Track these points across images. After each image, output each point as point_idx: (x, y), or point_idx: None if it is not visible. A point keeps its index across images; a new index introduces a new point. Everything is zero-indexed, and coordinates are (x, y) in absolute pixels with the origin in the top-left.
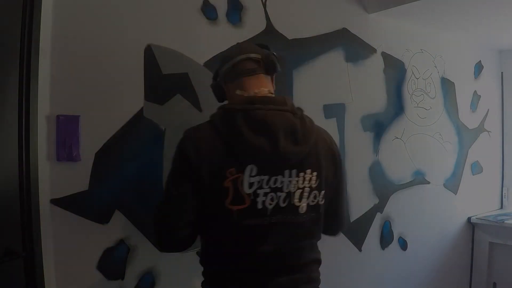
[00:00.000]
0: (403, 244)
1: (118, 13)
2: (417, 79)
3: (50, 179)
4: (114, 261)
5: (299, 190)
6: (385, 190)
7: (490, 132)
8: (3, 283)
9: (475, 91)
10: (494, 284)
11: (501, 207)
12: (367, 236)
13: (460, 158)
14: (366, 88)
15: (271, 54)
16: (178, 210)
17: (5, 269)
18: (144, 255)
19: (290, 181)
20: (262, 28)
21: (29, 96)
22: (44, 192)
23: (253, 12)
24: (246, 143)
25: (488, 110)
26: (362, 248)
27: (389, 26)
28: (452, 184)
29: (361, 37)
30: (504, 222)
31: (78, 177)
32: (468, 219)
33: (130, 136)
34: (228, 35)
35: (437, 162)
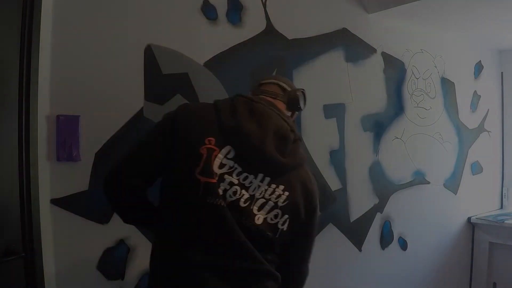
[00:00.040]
0: (403, 244)
1: (118, 13)
2: (417, 79)
3: (50, 179)
4: (114, 261)
5: (263, 200)
6: (385, 190)
7: (490, 132)
8: (3, 283)
9: (475, 91)
10: (494, 284)
11: (501, 207)
12: (367, 236)
13: (460, 158)
14: (366, 88)
15: (299, 90)
16: (138, 156)
17: (5, 269)
18: (144, 255)
19: (259, 186)
20: (262, 28)
21: (29, 96)
22: (44, 192)
23: (253, 12)
24: (234, 123)
25: (488, 110)
26: (362, 248)
27: (389, 26)
28: (452, 184)
29: (361, 37)
30: (504, 222)
31: (78, 177)
32: (468, 219)
33: (130, 136)
34: (228, 35)
35: (437, 162)
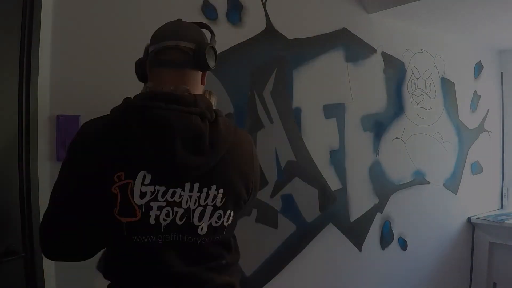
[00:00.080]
0: (403, 244)
1: (118, 13)
2: (417, 79)
3: (50, 179)
4: None
5: (200, 208)
6: (385, 190)
7: (490, 132)
8: (3, 283)
9: (475, 91)
10: (494, 284)
11: (501, 207)
12: (367, 236)
13: (460, 158)
14: (366, 88)
15: (207, 46)
16: (62, 209)
17: (5, 269)
18: None
19: (190, 197)
20: (262, 28)
21: (29, 96)
22: (44, 192)
23: (253, 12)
24: (137, 146)
25: (488, 110)
26: (362, 248)
27: (389, 26)
28: (452, 184)
29: (361, 37)
30: (504, 222)
31: None
32: (468, 219)
33: None
34: (228, 35)
35: (437, 162)
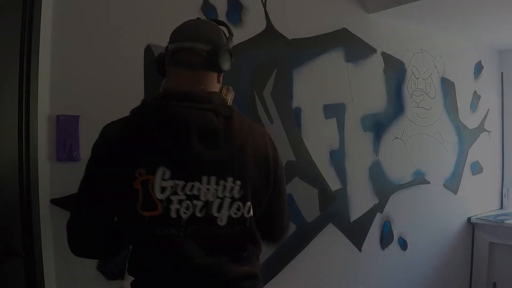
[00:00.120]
0: (403, 244)
1: (118, 13)
2: (417, 79)
3: (50, 179)
4: (114, 261)
5: (219, 200)
6: (385, 190)
7: (490, 132)
8: (3, 283)
9: (475, 91)
10: (494, 284)
11: (501, 207)
12: (367, 236)
13: (460, 158)
14: (366, 88)
15: (221, 49)
16: (87, 195)
17: (5, 269)
18: None
19: (208, 189)
20: (262, 28)
21: (29, 96)
22: (44, 192)
23: (253, 12)
24: (156, 143)
25: (488, 110)
26: (362, 248)
27: (389, 26)
28: (452, 184)
29: (361, 37)
30: (504, 222)
31: (78, 177)
32: (468, 219)
33: None
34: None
35: (437, 162)
